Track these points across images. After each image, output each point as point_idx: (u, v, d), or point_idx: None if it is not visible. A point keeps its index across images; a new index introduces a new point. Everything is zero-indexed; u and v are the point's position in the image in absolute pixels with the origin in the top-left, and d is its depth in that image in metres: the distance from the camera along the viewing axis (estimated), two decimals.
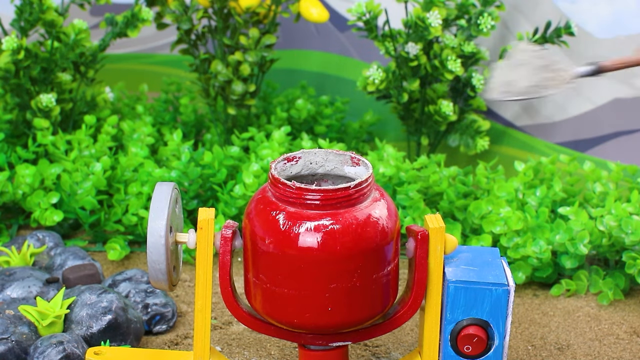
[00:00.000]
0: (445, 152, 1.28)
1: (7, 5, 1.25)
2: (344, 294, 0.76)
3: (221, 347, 0.95)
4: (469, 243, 1.07)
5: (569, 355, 0.95)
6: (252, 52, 1.19)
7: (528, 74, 0.73)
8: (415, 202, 1.09)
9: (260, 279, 0.77)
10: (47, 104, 1.17)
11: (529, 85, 0.73)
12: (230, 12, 1.20)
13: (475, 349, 0.80)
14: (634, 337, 0.99)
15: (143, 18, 1.19)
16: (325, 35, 1.40)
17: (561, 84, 0.74)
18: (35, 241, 1.09)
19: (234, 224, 0.80)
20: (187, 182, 1.14)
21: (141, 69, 1.45)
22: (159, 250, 0.77)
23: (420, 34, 1.16)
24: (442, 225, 0.79)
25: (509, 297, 0.79)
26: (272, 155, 1.14)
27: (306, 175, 0.82)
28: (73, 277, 1.00)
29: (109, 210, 1.16)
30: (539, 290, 1.07)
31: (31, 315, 0.90)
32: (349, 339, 0.80)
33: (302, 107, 1.31)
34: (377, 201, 0.77)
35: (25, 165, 1.13)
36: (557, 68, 0.74)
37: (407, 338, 0.97)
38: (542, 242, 1.03)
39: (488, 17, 1.17)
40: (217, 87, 1.21)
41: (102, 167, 1.14)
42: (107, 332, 0.92)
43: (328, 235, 0.74)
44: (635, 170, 1.15)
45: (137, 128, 1.22)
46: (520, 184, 1.12)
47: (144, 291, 0.99)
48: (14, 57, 1.15)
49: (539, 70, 0.74)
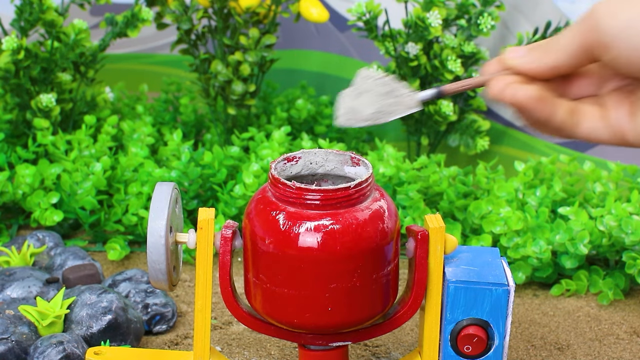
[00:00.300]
0: (445, 152, 1.28)
1: (7, 5, 1.25)
2: (344, 294, 0.76)
3: (221, 347, 0.95)
4: (469, 243, 1.07)
5: (569, 355, 0.95)
6: (252, 52, 1.19)
7: (372, 100, 0.75)
8: (415, 202, 1.09)
9: (260, 279, 0.77)
10: (47, 104, 1.17)
11: (373, 112, 0.75)
12: (230, 12, 1.20)
13: (475, 349, 0.80)
14: (634, 337, 0.99)
15: (143, 18, 1.19)
16: (325, 35, 1.40)
17: (405, 109, 0.75)
18: (35, 241, 1.09)
19: (234, 224, 0.80)
20: (187, 182, 1.14)
21: (141, 69, 1.45)
22: (159, 250, 0.77)
23: (420, 34, 1.16)
24: (442, 225, 0.79)
25: (509, 297, 0.79)
26: (272, 155, 1.14)
27: (306, 175, 0.82)
28: (73, 277, 1.00)
29: (109, 210, 1.16)
30: (539, 290, 1.07)
31: (31, 315, 0.90)
32: (349, 339, 0.80)
33: (302, 107, 1.31)
34: (377, 201, 0.77)
35: (25, 165, 1.13)
36: (400, 94, 0.75)
37: (407, 338, 0.97)
38: (542, 242, 1.03)
39: (488, 17, 1.17)
40: (217, 87, 1.21)
41: (102, 167, 1.14)
42: (107, 332, 0.92)
43: (328, 235, 0.74)
44: (635, 170, 1.15)
45: (137, 128, 1.22)
46: (520, 184, 1.12)
47: (144, 291, 0.99)
48: (14, 57, 1.15)
49: (382, 97, 0.75)
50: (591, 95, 0.76)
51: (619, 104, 0.73)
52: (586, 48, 0.70)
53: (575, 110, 0.74)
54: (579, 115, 0.74)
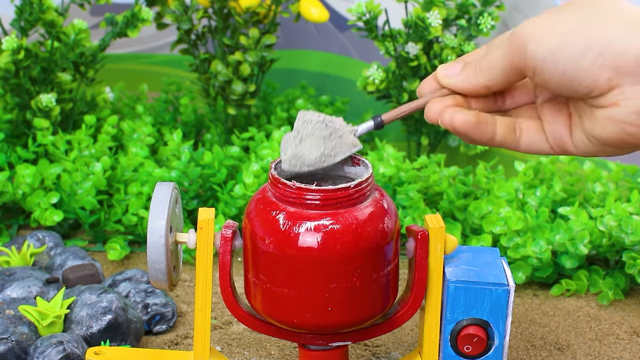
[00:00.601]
0: (445, 152, 1.28)
1: (7, 5, 1.25)
2: (344, 294, 0.76)
3: (221, 347, 0.95)
4: (469, 243, 1.07)
5: (569, 355, 0.95)
6: (252, 52, 1.19)
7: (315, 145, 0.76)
8: (415, 202, 1.09)
9: (260, 279, 0.77)
10: (47, 104, 1.17)
11: (318, 156, 0.76)
12: (230, 12, 1.20)
13: (475, 349, 0.80)
14: (634, 337, 0.99)
15: (143, 18, 1.19)
16: (325, 35, 1.40)
17: (349, 148, 0.76)
18: (35, 241, 1.09)
19: (234, 224, 0.80)
20: (187, 182, 1.14)
21: (141, 69, 1.45)
22: (159, 250, 0.77)
23: (420, 34, 1.16)
24: (442, 225, 0.79)
25: (509, 297, 0.79)
26: (272, 155, 1.14)
27: (306, 175, 0.82)
28: (73, 277, 1.00)
29: (109, 210, 1.16)
30: (539, 290, 1.07)
31: (31, 315, 0.90)
32: (349, 339, 0.80)
33: (302, 107, 1.31)
34: (377, 201, 0.77)
35: (25, 165, 1.13)
36: (341, 133, 0.76)
37: (407, 338, 0.97)
38: (542, 242, 1.03)
39: (488, 17, 1.17)
40: (217, 87, 1.21)
41: (102, 167, 1.14)
42: (107, 332, 0.92)
43: (328, 235, 0.74)
44: (635, 170, 1.15)
45: (137, 128, 1.22)
46: (520, 184, 1.12)
47: (144, 291, 0.99)
48: (14, 57, 1.15)
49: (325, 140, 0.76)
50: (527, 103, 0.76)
51: (556, 117, 0.74)
52: (515, 68, 0.71)
53: (514, 126, 0.74)
54: (518, 131, 0.74)
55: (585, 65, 0.67)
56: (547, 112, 0.74)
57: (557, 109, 0.74)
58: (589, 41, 0.67)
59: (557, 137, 0.73)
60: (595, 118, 0.69)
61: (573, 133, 0.72)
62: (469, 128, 0.72)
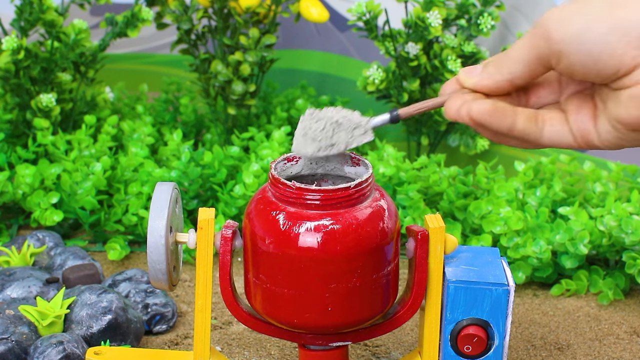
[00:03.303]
0: (445, 152, 1.28)
1: (7, 5, 1.25)
2: (344, 294, 0.76)
3: (221, 347, 0.95)
4: (469, 243, 1.07)
5: (569, 355, 0.95)
6: (252, 52, 1.19)
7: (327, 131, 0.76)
8: (415, 202, 1.09)
9: (260, 279, 0.77)
10: (47, 104, 1.17)
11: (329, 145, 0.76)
12: (230, 12, 1.20)
13: (475, 349, 0.80)
14: (634, 337, 0.99)
15: (143, 18, 1.19)
16: (325, 35, 1.40)
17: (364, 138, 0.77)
18: (35, 241, 1.09)
19: (234, 224, 0.80)
20: (187, 182, 1.14)
21: (141, 69, 1.45)
22: (159, 250, 0.77)
23: (420, 34, 1.16)
24: (442, 225, 0.79)
25: (509, 297, 0.79)
26: (272, 155, 1.14)
27: (306, 175, 0.82)
28: (73, 277, 1.00)
29: (109, 210, 1.16)
30: (539, 290, 1.07)
31: (31, 315, 0.90)
32: (349, 339, 0.80)
33: (302, 107, 1.31)
34: (377, 201, 0.77)
35: (25, 165, 1.13)
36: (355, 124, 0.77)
37: (407, 338, 0.97)
38: (542, 242, 1.03)
39: (488, 17, 1.17)
40: (217, 87, 1.21)
41: (102, 167, 1.14)
42: (107, 332, 0.92)
43: (328, 235, 0.74)
44: (635, 170, 1.15)
45: (137, 128, 1.22)
46: (520, 184, 1.12)
47: (144, 291, 0.99)
48: (14, 57, 1.15)
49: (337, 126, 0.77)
50: (552, 103, 0.76)
51: (580, 108, 0.73)
52: (539, 57, 0.70)
53: (537, 117, 0.74)
54: (541, 122, 0.74)
55: (610, 46, 0.67)
56: (571, 104, 0.74)
57: (582, 100, 0.73)
58: (614, 22, 0.67)
59: (582, 128, 0.73)
60: (619, 100, 0.69)
61: (598, 123, 0.72)
62: (487, 116, 0.72)
